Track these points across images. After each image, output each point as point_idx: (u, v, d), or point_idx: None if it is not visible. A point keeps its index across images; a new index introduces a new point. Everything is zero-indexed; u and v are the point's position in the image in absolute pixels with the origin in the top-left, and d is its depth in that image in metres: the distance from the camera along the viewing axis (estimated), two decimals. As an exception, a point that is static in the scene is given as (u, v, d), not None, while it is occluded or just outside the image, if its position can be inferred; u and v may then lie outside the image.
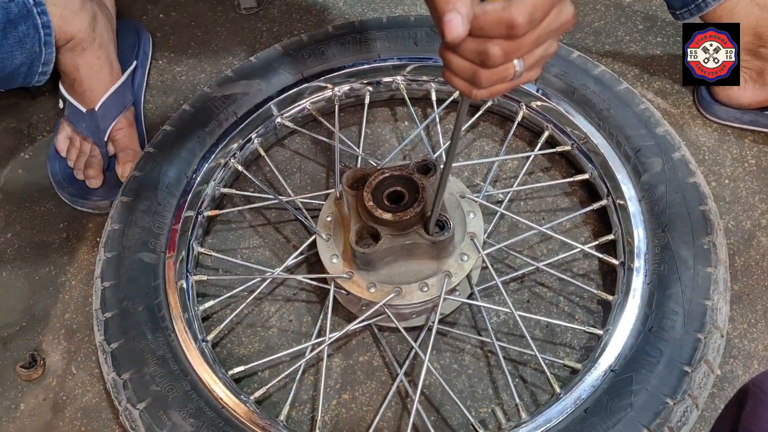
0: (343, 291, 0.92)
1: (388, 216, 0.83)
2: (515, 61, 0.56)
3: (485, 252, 0.92)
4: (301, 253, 0.99)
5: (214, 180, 1.03)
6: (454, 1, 0.53)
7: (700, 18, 1.03)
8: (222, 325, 0.95)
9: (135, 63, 1.19)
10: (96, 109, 1.10)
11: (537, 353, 0.89)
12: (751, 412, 0.54)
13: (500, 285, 0.92)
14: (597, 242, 0.97)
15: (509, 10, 0.52)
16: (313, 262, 1.02)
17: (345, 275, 0.89)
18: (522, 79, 0.59)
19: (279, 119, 1.09)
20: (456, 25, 0.53)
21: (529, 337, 0.89)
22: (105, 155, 1.11)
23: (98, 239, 1.08)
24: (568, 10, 0.57)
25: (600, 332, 0.90)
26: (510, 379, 0.88)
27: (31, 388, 0.98)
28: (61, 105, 1.14)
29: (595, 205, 0.99)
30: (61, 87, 1.13)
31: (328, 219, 0.93)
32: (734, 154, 1.08)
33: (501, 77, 0.57)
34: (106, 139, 1.11)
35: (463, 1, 0.53)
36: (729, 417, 0.59)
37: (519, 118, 1.07)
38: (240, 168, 1.06)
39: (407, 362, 0.93)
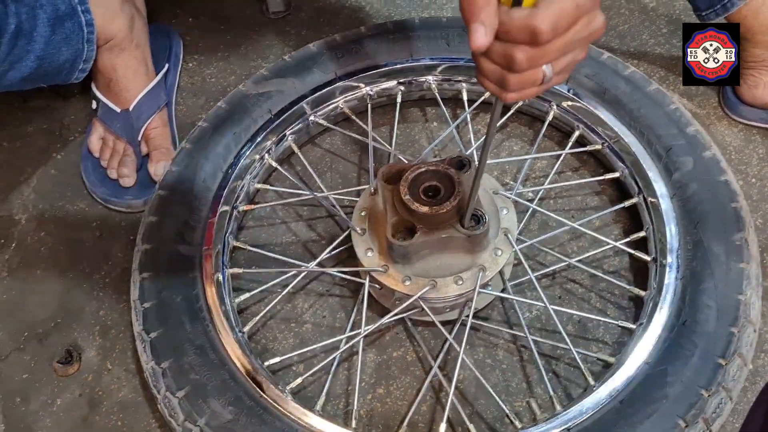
0: (377, 285, 0.93)
1: (425, 209, 0.84)
2: (544, 67, 0.58)
3: (518, 247, 0.94)
4: (334, 249, 1.00)
5: (250, 175, 1.05)
6: (479, 12, 0.54)
7: (725, 18, 1.05)
8: (257, 318, 0.96)
9: (167, 65, 1.21)
10: (131, 108, 1.12)
11: (571, 347, 0.89)
12: None
13: (534, 280, 0.93)
14: (628, 239, 0.98)
15: (533, 17, 0.53)
16: (345, 258, 1.03)
17: (380, 268, 0.90)
18: (550, 83, 0.60)
19: (312, 117, 1.10)
20: (480, 35, 0.55)
21: (563, 332, 0.90)
22: (138, 154, 1.13)
23: (131, 237, 1.09)
24: (599, 20, 0.58)
25: (633, 326, 0.91)
26: (544, 373, 0.89)
27: (67, 383, 0.99)
28: (94, 106, 1.16)
29: (627, 203, 1.01)
30: (94, 88, 1.15)
31: (363, 214, 0.94)
32: (761, 154, 1.09)
33: (530, 81, 0.59)
34: (140, 138, 1.12)
35: (488, 12, 0.54)
36: (765, 400, 0.59)
37: (549, 118, 1.08)
38: (274, 164, 1.08)
39: (441, 355, 0.93)
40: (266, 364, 0.91)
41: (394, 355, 0.97)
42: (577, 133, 1.07)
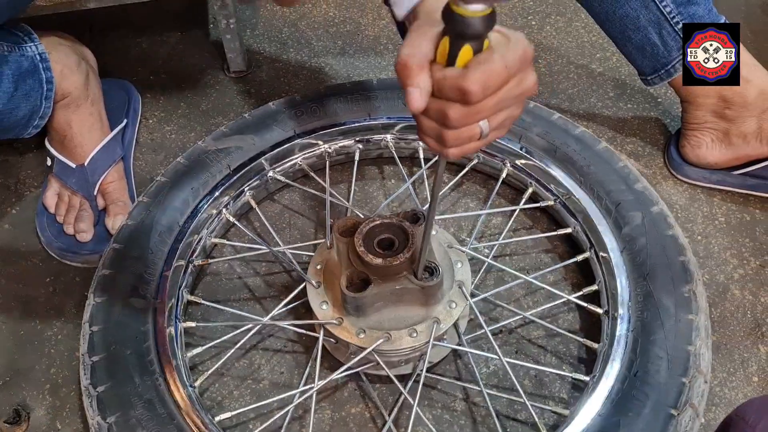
0: (332, 339, 0.92)
1: (378, 261, 0.85)
2: (481, 123, 0.60)
3: (472, 300, 0.94)
4: (290, 302, 1.00)
5: (206, 230, 1.05)
6: (413, 77, 0.57)
7: (669, 83, 1.10)
8: (209, 373, 0.95)
9: (125, 120, 1.22)
10: (86, 164, 1.12)
11: (526, 400, 0.89)
12: None
13: (489, 333, 0.93)
14: (581, 293, 1.00)
15: (463, 78, 0.55)
16: (301, 313, 1.02)
17: (334, 321, 0.90)
18: (488, 138, 0.62)
19: (271, 173, 1.12)
20: (416, 98, 0.57)
21: (518, 385, 0.90)
22: (95, 209, 1.12)
23: (85, 293, 1.07)
24: (530, 79, 0.60)
25: (586, 379, 0.91)
26: (499, 428, 0.89)
27: (13, 444, 0.95)
28: (48, 162, 1.15)
29: (579, 257, 1.02)
30: (48, 144, 1.15)
31: (318, 267, 0.95)
32: (705, 212, 1.13)
33: (467, 137, 0.60)
34: (95, 192, 1.12)
35: (422, 77, 0.57)
36: None
37: (503, 176, 1.11)
38: (232, 219, 1.08)
39: (395, 410, 0.92)
40: (217, 419, 0.89)
41: (352, 411, 0.95)
42: (530, 190, 1.09)
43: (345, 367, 0.91)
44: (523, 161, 1.09)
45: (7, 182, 1.23)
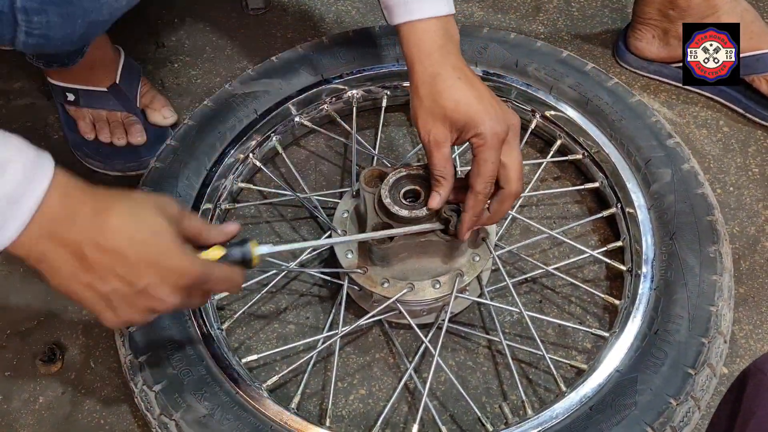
0: (356, 287, 0.93)
1: (404, 213, 0.85)
2: None
3: (497, 253, 0.95)
4: (315, 249, 1.01)
5: (233, 174, 1.06)
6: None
7: None
8: (236, 315, 0.97)
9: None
10: (117, 81, 1.14)
11: (544, 353, 0.90)
12: (752, 394, 0.55)
13: (511, 286, 0.94)
14: (605, 248, 1.00)
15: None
16: (326, 258, 1.04)
17: (359, 270, 0.91)
18: None
19: (298, 118, 1.11)
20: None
21: (537, 338, 0.91)
22: (139, 115, 1.15)
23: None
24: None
25: (606, 335, 0.92)
26: (517, 378, 0.90)
27: (50, 381, 0.98)
28: (71, 98, 1.14)
29: (605, 213, 1.02)
30: (61, 83, 1.14)
31: (344, 215, 0.96)
32: (738, 163, 1.11)
33: None
34: (138, 105, 1.15)
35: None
36: (730, 400, 0.59)
37: (532, 126, 1.10)
38: (258, 164, 1.08)
39: (416, 358, 0.94)
40: (244, 361, 0.92)
41: (377, 356, 0.98)
42: (558, 143, 1.08)
43: (369, 315, 0.93)
44: (552, 112, 1.07)
45: (35, 125, 1.22)
